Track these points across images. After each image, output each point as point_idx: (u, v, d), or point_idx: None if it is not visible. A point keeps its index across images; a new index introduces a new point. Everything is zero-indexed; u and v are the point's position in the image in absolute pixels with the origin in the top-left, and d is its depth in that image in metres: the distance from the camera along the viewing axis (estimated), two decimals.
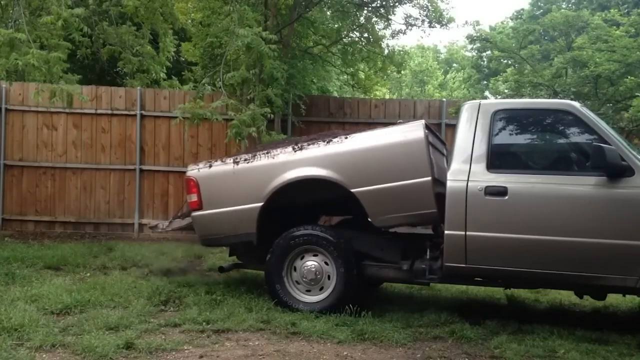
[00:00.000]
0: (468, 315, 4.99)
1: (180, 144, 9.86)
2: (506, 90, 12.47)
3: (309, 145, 5.22)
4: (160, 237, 9.52)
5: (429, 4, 11.48)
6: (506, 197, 4.55)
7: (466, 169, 4.69)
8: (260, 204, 5.13)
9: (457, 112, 5.74)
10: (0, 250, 7.24)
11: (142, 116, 9.80)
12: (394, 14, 12.01)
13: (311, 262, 5.08)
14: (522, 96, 9.55)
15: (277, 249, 5.12)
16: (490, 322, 4.82)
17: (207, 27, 9.72)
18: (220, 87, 8.01)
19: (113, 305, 4.94)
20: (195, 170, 5.51)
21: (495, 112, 4.82)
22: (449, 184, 4.70)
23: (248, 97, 8.71)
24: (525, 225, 4.52)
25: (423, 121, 4.99)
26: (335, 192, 5.07)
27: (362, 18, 11.80)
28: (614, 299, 5.87)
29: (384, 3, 11.41)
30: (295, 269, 5.13)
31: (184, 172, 9.68)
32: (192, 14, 10.79)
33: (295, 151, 5.21)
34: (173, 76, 12.39)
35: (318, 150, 5.15)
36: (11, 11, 7.63)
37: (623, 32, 9.96)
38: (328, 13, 11.62)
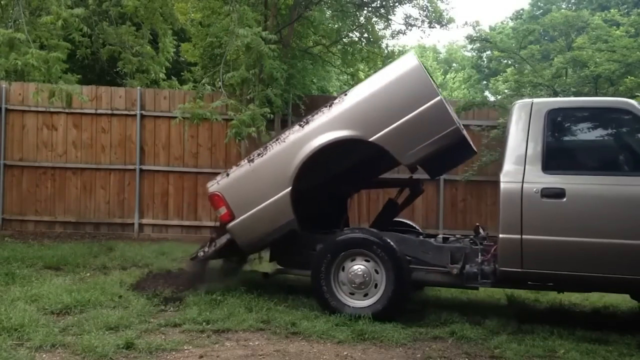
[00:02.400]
0: (468, 315, 4.99)
1: (180, 144, 9.86)
2: (506, 90, 12.47)
3: (313, 116, 5.22)
4: (161, 237, 9.53)
5: (428, 5, 11.48)
6: (564, 199, 4.45)
7: (520, 170, 4.60)
8: (289, 188, 5.06)
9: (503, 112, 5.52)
10: (0, 250, 7.24)
11: (142, 116, 9.80)
12: (394, 14, 12.04)
13: (359, 266, 4.92)
14: (522, 96, 9.55)
15: (323, 253, 4.99)
16: (490, 322, 4.82)
17: (207, 27, 9.72)
18: (220, 87, 8.01)
19: (113, 305, 4.94)
20: (215, 185, 5.42)
21: (549, 112, 4.71)
22: (502, 185, 4.60)
23: (248, 97, 8.71)
24: (584, 228, 4.41)
25: (413, 51, 5.01)
26: (355, 149, 5.04)
27: (362, 18, 11.80)
28: (614, 299, 5.88)
29: (384, 3, 11.40)
30: (342, 273, 4.97)
31: (184, 172, 9.79)
32: (192, 14, 10.78)
33: (302, 127, 5.18)
34: (172, 77, 12.39)
35: (324, 117, 5.13)
36: (11, 11, 7.62)
37: (623, 32, 9.98)
38: (328, 13, 11.62)
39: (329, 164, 5.20)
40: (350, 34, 11.95)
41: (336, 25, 11.69)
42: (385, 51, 12.07)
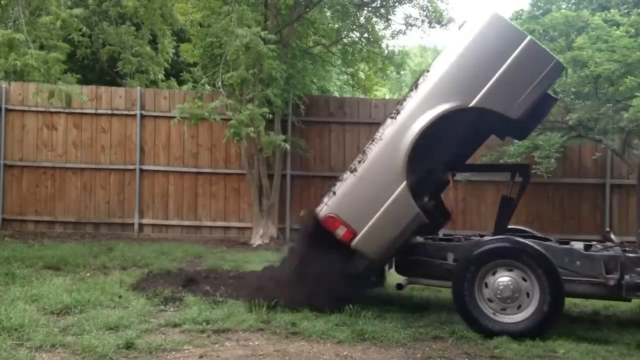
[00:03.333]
0: None
1: (180, 144, 9.86)
2: None
3: (402, 104, 5.01)
4: (161, 237, 9.53)
5: (428, 4, 11.46)
6: None
7: None
8: (404, 182, 4.79)
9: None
10: (0, 250, 7.24)
11: (142, 116, 9.81)
12: (394, 14, 11.98)
13: (506, 278, 4.56)
14: None
15: (465, 265, 4.66)
16: None
17: (207, 27, 9.72)
18: (219, 87, 8.01)
19: (113, 305, 4.94)
20: (325, 207, 5.07)
21: None
22: None
23: (247, 97, 8.71)
24: None
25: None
26: (456, 123, 4.82)
27: (362, 18, 11.79)
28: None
29: (384, 3, 11.39)
30: (486, 287, 4.62)
31: (184, 172, 9.79)
32: (192, 15, 10.77)
33: (395, 117, 4.97)
34: (172, 77, 12.39)
35: (414, 100, 4.92)
36: (11, 11, 7.62)
37: (623, 32, 9.94)
38: (328, 13, 11.61)
39: (433, 143, 4.92)
40: (351, 34, 11.94)
41: (336, 25, 11.68)
42: (386, 51, 12.06)
